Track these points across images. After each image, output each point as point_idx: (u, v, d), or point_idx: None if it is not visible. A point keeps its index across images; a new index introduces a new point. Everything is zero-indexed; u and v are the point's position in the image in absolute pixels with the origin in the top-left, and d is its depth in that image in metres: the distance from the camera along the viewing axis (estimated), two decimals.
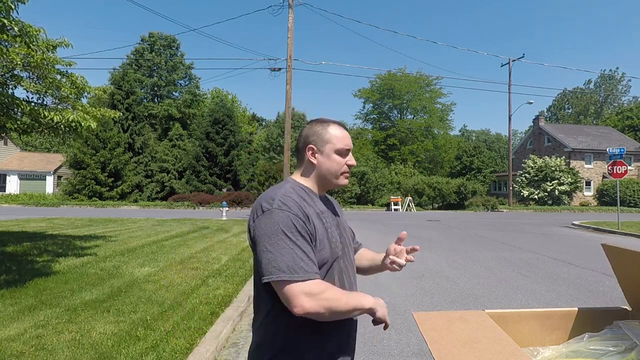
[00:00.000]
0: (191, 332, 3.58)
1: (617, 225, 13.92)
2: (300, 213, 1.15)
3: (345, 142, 1.32)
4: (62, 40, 6.65)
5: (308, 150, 1.31)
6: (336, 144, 1.30)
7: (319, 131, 1.31)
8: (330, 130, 1.31)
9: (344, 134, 1.32)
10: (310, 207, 1.21)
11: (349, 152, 1.33)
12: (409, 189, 30.12)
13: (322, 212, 1.25)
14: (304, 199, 1.22)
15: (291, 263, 1.06)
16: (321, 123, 1.33)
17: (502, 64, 31.61)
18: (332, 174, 1.30)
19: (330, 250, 1.20)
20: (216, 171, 30.55)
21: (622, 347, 1.05)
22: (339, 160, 1.30)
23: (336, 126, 1.33)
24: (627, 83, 59.16)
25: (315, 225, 1.18)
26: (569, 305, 4.86)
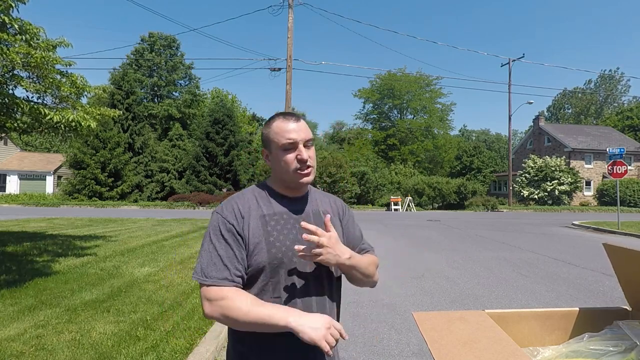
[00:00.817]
0: (191, 332, 3.58)
1: (617, 225, 13.91)
2: (231, 216, 1.13)
3: (287, 135, 1.15)
4: (61, 40, 6.65)
5: (263, 154, 1.26)
6: (278, 140, 1.16)
7: (265, 131, 1.22)
8: (272, 126, 1.19)
9: (286, 126, 1.16)
10: (256, 210, 1.16)
11: (295, 144, 1.15)
12: (409, 189, 30.12)
13: (270, 215, 1.16)
14: (257, 201, 1.18)
15: (205, 265, 1.09)
16: (268, 121, 1.23)
17: (502, 64, 31.63)
18: (285, 174, 1.18)
19: (267, 256, 1.11)
20: (216, 171, 30.54)
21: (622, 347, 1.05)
22: (286, 158, 1.16)
23: (279, 119, 1.19)
24: (627, 83, 59.22)
25: (251, 229, 1.12)
26: (569, 305, 4.86)
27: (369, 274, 1.26)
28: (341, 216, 1.33)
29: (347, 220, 1.34)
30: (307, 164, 1.16)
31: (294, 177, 1.16)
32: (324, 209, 1.27)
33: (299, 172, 1.16)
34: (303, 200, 1.24)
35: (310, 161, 1.17)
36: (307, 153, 1.16)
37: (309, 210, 1.23)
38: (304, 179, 1.17)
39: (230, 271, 1.08)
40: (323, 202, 1.30)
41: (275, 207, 1.19)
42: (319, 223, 1.19)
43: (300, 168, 1.15)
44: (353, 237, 1.34)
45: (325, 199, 1.32)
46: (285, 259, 1.12)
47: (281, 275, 1.12)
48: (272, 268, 1.11)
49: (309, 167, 1.17)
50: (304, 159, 1.15)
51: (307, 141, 1.18)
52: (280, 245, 1.13)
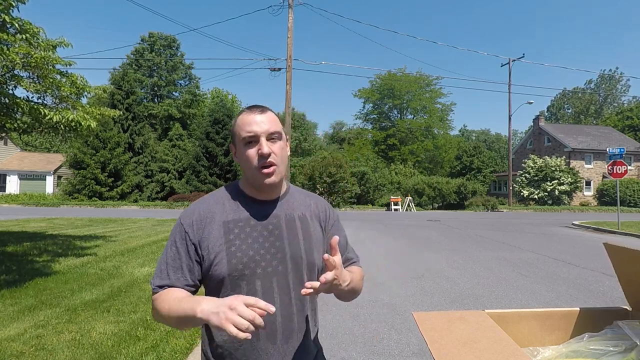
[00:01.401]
0: (191, 332, 3.58)
1: (617, 225, 13.91)
2: (188, 223, 1.07)
3: (248, 127, 1.05)
4: (61, 40, 6.66)
5: (232, 151, 1.16)
6: (241, 134, 1.06)
7: (232, 125, 1.12)
8: (237, 120, 1.09)
9: (248, 118, 1.06)
10: (220, 215, 1.08)
11: (257, 137, 1.04)
12: (409, 189, 30.12)
13: (235, 222, 1.07)
14: (223, 205, 1.10)
15: (157, 270, 1.08)
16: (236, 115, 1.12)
17: (502, 64, 31.64)
18: (248, 172, 1.07)
19: (227, 267, 1.02)
20: (216, 171, 30.55)
21: (622, 347, 1.05)
22: (248, 153, 1.05)
23: (244, 112, 1.09)
24: (627, 83, 59.24)
25: (211, 237, 1.05)
26: (569, 305, 4.86)
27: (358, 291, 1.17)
28: (323, 220, 1.20)
29: (331, 225, 1.21)
30: (269, 159, 1.04)
31: (257, 175, 1.05)
32: (301, 213, 1.15)
33: (261, 170, 1.04)
34: (275, 204, 1.13)
35: (274, 157, 1.05)
36: (269, 147, 1.04)
37: (281, 214, 1.12)
38: (267, 180, 1.05)
39: (170, 279, 1.04)
40: (302, 205, 1.18)
41: (241, 212, 1.09)
42: (292, 229, 1.10)
43: (262, 165, 1.04)
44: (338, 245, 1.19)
45: (306, 200, 1.20)
46: (247, 270, 1.03)
47: (242, 288, 1.03)
48: (232, 280, 1.03)
49: (272, 165, 1.05)
50: (264, 153, 1.03)
51: (272, 134, 1.06)
52: (242, 255, 1.03)
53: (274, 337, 1.03)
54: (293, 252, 1.08)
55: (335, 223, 1.23)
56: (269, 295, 1.04)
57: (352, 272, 1.15)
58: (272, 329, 1.03)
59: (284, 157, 1.09)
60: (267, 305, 0.82)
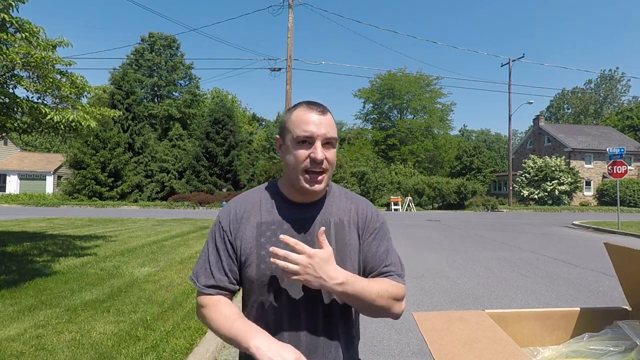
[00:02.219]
0: (191, 332, 3.58)
1: (617, 225, 13.91)
2: (226, 221, 1.04)
3: (305, 127, 0.97)
4: (61, 40, 6.66)
5: (277, 143, 1.07)
6: (294, 131, 0.99)
7: (284, 118, 1.05)
8: (292, 114, 1.02)
9: (307, 116, 0.98)
10: (255, 216, 1.04)
11: (312, 139, 0.97)
12: (409, 189, 30.13)
13: (268, 224, 1.02)
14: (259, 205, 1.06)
15: (197, 269, 1.05)
16: (291, 107, 1.05)
17: (502, 64, 31.63)
18: (292, 172, 1.00)
19: (256, 272, 0.99)
20: (216, 171, 30.54)
21: (622, 347, 1.05)
22: (298, 153, 0.98)
23: (302, 107, 1.01)
24: (627, 83, 59.24)
25: (244, 238, 1.02)
26: (569, 305, 4.86)
27: (379, 306, 1.02)
28: (361, 227, 1.09)
29: (370, 233, 1.09)
30: (322, 166, 0.98)
31: (302, 179, 0.99)
32: (338, 218, 1.06)
33: (308, 175, 0.98)
34: (314, 207, 1.06)
35: (326, 164, 0.99)
36: (323, 153, 0.98)
37: (316, 219, 1.04)
38: (314, 186, 0.99)
39: (215, 279, 1.02)
40: (341, 209, 1.09)
41: (276, 213, 1.04)
42: (341, 235, 1.04)
43: (311, 169, 0.98)
44: (374, 255, 1.08)
45: (347, 205, 1.10)
46: (274, 278, 0.99)
47: (270, 295, 0.99)
48: (259, 286, 1.00)
49: (322, 172, 0.99)
50: (318, 158, 0.96)
51: (328, 139, 0.99)
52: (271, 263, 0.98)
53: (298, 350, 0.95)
54: None
55: (376, 231, 1.10)
56: (294, 305, 0.99)
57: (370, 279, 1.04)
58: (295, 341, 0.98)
59: (334, 165, 1.03)
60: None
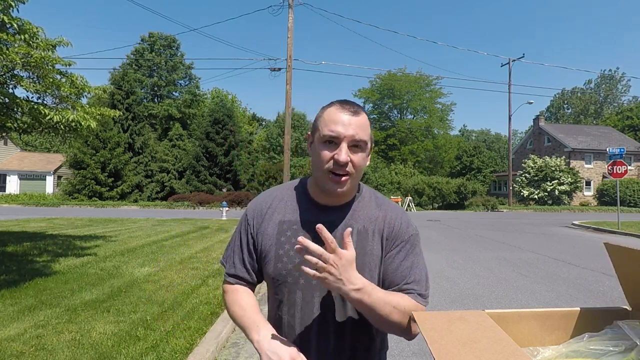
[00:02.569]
0: (191, 332, 3.58)
1: (617, 225, 13.92)
2: (252, 214, 1.07)
3: (332, 126, 0.93)
4: (60, 39, 6.66)
5: (308, 140, 1.05)
6: (323, 130, 0.96)
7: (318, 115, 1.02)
8: (325, 112, 0.99)
9: (337, 116, 0.95)
10: (279, 213, 1.03)
11: (337, 140, 0.93)
12: (409, 189, 30.13)
13: (289, 223, 1.01)
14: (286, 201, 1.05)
15: (226, 254, 1.11)
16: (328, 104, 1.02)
17: (502, 64, 31.64)
18: (317, 171, 0.98)
19: (273, 270, 1.00)
20: (216, 171, 30.55)
21: (622, 347, 1.05)
22: (323, 153, 0.95)
23: (335, 106, 0.98)
24: (627, 83, 59.23)
25: (265, 234, 1.03)
26: (569, 305, 4.86)
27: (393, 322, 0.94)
28: (387, 237, 1.03)
29: (395, 246, 1.02)
30: (345, 168, 0.93)
31: (325, 178, 0.95)
32: (362, 226, 1.02)
33: (331, 176, 0.94)
34: (339, 211, 1.02)
35: (351, 167, 0.94)
36: (348, 155, 0.93)
37: (339, 224, 1.01)
38: (335, 188, 0.95)
39: (236, 269, 1.07)
40: (367, 216, 1.04)
41: (300, 213, 1.02)
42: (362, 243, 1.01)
43: (334, 171, 0.94)
44: (395, 270, 1.01)
45: (374, 212, 1.05)
46: (290, 278, 0.98)
47: (284, 295, 0.99)
48: (275, 284, 1.01)
49: (346, 175, 0.94)
50: (341, 161, 0.92)
51: (356, 142, 0.94)
52: (288, 261, 0.98)
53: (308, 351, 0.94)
54: None
55: (403, 244, 1.03)
56: (308, 309, 0.98)
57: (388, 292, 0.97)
58: (305, 342, 0.97)
59: (361, 168, 0.98)
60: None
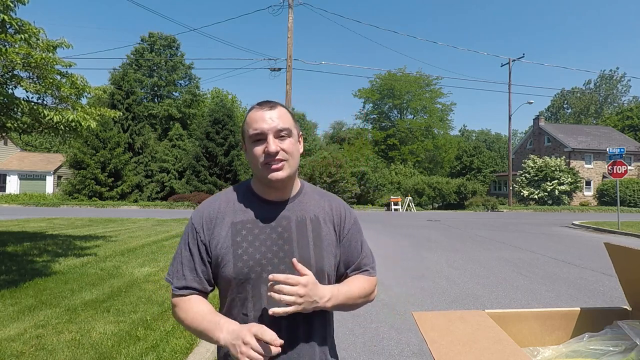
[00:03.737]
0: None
1: (617, 225, 13.91)
2: (199, 223, 1.07)
3: (255, 125, 1.02)
4: (62, 41, 6.66)
5: (243, 149, 1.12)
6: (248, 131, 1.04)
7: (242, 123, 1.10)
8: (246, 117, 1.07)
9: (257, 115, 1.03)
10: (229, 216, 1.07)
11: (264, 135, 1.01)
12: (409, 189, 30.13)
13: (243, 223, 1.05)
14: (233, 205, 1.09)
15: (171, 271, 1.09)
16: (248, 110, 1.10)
17: (502, 64, 31.62)
18: (255, 170, 1.05)
19: (233, 270, 1.02)
20: (216, 171, 30.54)
21: (622, 347, 1.05)
22: (255, 151, 1.02)
23: (253, 109, 1.06)
24: (627, 83, 59.20)
25: (220, 238, 1.04)
26: (569, 305, 4.86)
27: (359, 303, 1.11)
28: (337, 224, 1.13)
29: (347, 230, 1.15)
30: (277, 157, 1.01)
31: (264, 171, 1.02)
32: (313, 215, 1.10)
33: (267, 166, 1.01)
34: (286, 204, 1.09)
35: (283, 154, 1.02)
36: (278, 144, 1.01)
37: (291, 216, 1.07)
38: (273, 174, 1.01)
39: (187, 280, 1.05)
40: (315, 206, 1.12)
41: (250, 213, 1.07)
42: (303, 232, 1.06)
43: (267, 162, 1.01)
44: (352, 250, 1.15)
45: (320, 202, 1.14)
46: (253, 274, 1.02)
47: (248, 292, 1.02)
48: (238, 283, 1.02)
49: (279, 161, 1.01)
50: (271, 151, 0.99)
51: (280, 131, 1.02)
52: (248, 258, 1.02)
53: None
54: (302, 257, 1.03)
55: (352, 227, 1.16)
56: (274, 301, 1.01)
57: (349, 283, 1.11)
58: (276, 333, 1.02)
59: (294, 154, 1.05)
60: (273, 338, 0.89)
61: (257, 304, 1.02)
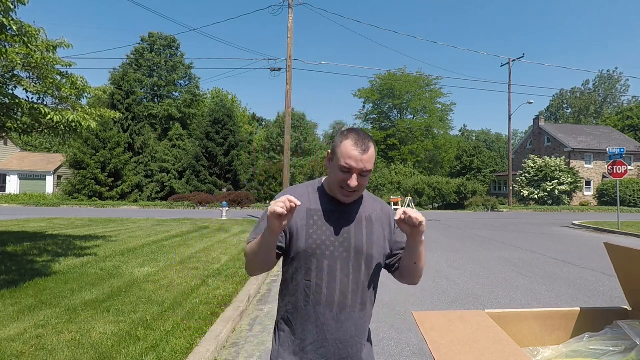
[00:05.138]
0: (191, 332, 3.58)
1: (617, 225, 13.91)
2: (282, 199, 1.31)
3: (348, 161, 1.27)
4: (62, 41, 6.65)
5: (327, 156, 1.40)
6: (339, 160, 1.29)
7: (337, 141, 1.34)
8: (343, 143, 1.30)
9: (353, 152, 1.27)
10: (305, 203, 1.35)
11: (349, 171, 1.27)
12: (409, 189, 30.12)
13: (315, 211, 1.34)
14: (309, 195, 1.38)
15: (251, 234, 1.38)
16: (345, 134, 1.34)
17: (502, 64, 31.61)
18: (332, 184, 1.34)
19: (305, 244, 1.30)
20: (216, 171, 30.53)
21: (622, 347, 1.05)
22: (339, 175, 1.29)
23: (350, 143, 1.29)
24: (626, 83, 59.16)
25: (296, 217, 1.31)
26: (569, 305, 4.86)
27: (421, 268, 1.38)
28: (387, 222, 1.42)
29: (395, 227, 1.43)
30: (352, 190, 1.28)
31: (337, 191, 1.31)
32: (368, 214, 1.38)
33: (341, 191, 1.30)
34: (350, 204, 1.36)
35: (359, 188, 1.29)
36: (357, 181, 1.27)
37: (352, 213, 1.36)
38: (344, 199, 1.33)
39: (257, 235, 1.31)
40: (370, 208, 1.41)
41: (322, 204, 1.35)
42: (359, 226, 1.34)
43: (343, 188, 1.29)
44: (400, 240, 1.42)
45: (374, 205, 1.43)
46: (319, 250, 1.29)
47: (313, 264, 1.29)
48: (306, 256, 1.30)
49: (354, 192, 1.30)
50: (351, 186, 1.27)
51: (365, 172, 1.28)
52: (317, 238, 1.30)
53: (332, 305, 1.28)
54: (357, 244, 1.32)
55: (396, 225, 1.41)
56: (332, 274, 1.29)
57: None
58: (330, 299, 1.28)
59: (364, 186, 1.32)
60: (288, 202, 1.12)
61: (319, 274, 1.29)
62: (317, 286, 1.29)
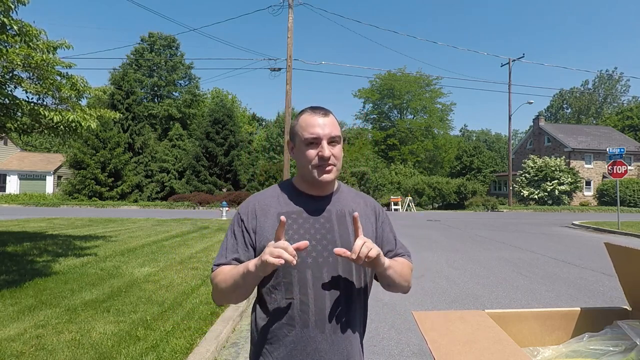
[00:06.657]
0: (191, 332, 3.58)
1: (617, 225, 13.91)
2: (245, 212, 1.18)
3: (311, 130, 1.11)
4: (62, 42, 6.65)
5: (289, 146, 1.22)
6: (302, 134, 1.13)
7: (293, 124, 1.19)
8: (299, 119, 1.16)
9: (312, 120, 1.12)
10: (275, 208, 1.16)
11: (319, 140, 1.10)
12: (409, 189, 30.11)
13: (287, 213, 1.13)
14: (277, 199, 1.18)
15: (218, 255, 1.18)
16: (298, 114, 1.19)
17: (502, 64, 31.61)
18: (305, 170, 1.14)
19: None
20: (216, 171, 30.53)
21: (622, 347, 1.05)
22: (308, 153, 1.12)
23: (307, 113, 1.15)
24: (626, 83, 59.14)
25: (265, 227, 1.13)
26: (569, 305, 4.86)
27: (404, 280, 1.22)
28: (372, 218, 1.25)
29: (381, 223, 1.27)
30: (329, 161, 1.11)
31: (313, 172, 1.12)
32: (351, 209, 1.19)
33: (318, 169, 1.12)
34: (327, 199, 1.19)
35: (333, 159, 1.13)
36: (330, 150, 1.11)
37: (332, 209, 1.17)
38: (323, 176, 1.12)
39: (226, 259, 1.14)
40: (352, 202, 1.23)
41: (294, 205, 1.16)
42: (343, 223, 1.16)
43: (319, 165, 1.11)
44: (389, 240, 1.28)
45: (355, 199, 1.26)
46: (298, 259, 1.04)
47: (293, 276, 1.08)
48: (284, 268, 1.06)
49: (330, 165, 1.12)
50: (325, 156, 1.10)
51: (333, 138, 1.12)
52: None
53: (322, 325, 1.07)
54: (344, 244, 1.10)
55: (385, 222, 1.30)
56: (318, 284, 1.08)
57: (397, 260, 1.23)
58: (320, 317, 1.07)
59: (340, 158, 1.16)
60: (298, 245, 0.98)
61: (302, 288, 1.08)
62: (301, 304, 1.07)
